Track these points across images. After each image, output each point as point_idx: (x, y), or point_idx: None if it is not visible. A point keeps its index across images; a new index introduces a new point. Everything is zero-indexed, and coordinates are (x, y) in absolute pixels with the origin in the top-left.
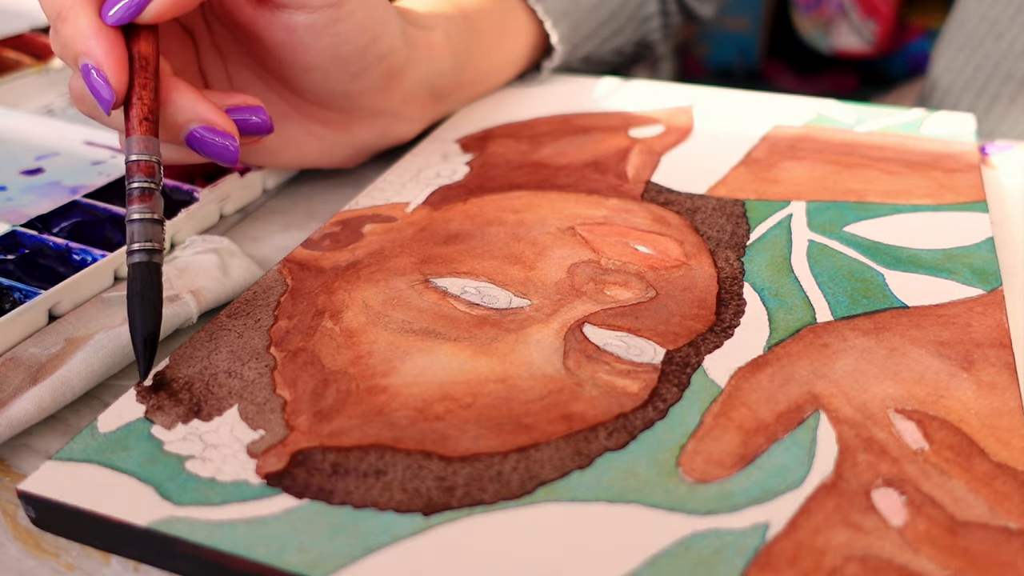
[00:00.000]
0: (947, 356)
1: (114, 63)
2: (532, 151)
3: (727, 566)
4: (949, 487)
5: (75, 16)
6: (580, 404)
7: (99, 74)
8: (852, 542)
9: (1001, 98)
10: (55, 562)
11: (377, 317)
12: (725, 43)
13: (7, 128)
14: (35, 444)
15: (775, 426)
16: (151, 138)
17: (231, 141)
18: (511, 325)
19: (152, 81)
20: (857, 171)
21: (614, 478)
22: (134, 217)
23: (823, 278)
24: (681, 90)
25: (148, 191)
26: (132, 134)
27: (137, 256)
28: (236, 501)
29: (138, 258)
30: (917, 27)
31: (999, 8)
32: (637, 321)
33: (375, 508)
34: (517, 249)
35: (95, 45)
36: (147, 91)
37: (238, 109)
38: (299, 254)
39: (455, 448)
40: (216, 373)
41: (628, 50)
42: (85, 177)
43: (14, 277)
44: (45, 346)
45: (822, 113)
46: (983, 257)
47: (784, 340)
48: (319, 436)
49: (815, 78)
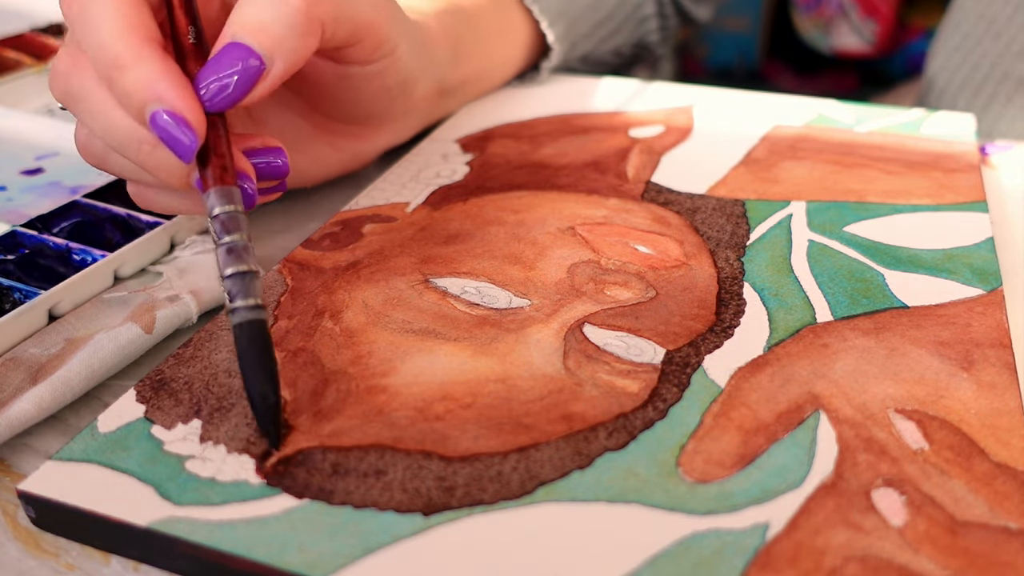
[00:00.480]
0: (947, 356)
1: (192, 103)
2: (532, 151)
3: (727, 566)
4: (949, 487)
5: (136, 62)
6: (580, 404)
7: (175, 117)
8: (852, 542)
9: (998, 97)
10: (55, 562)
11: (377, 317)
12: (725, 43)
13: (7, 128)
14: (35, 444)
15: (775, 426)
16: (236, 188)
17: (249, 184)
18: (511, 325)
19: (226, 130)
20: (857, 171)
21: (614, 478)
22: (235, 271)
23: (823, 278)
24: (681, 90)
25: (243, 245)
26: (218, 184)
27: (251, 313)
28: (236, 501)
29: (253, 315)
30: (917, 27)
31: (997, 7)
32: (637, 321)
33: (375, 508)
34: (517, 249)
35: (166, 89)
36: (224, 141)
37: (257, 152)
38: (299, 254)
39: (455, 448)
40: (216, 373)
41: (626, 51)
42: (85, 177)
43: (14, 277)
44: (45, 346)
45: (822, 113)
46: (983, 257)
47: (784, 340)
48: (319, 436)
49: (815, 78)
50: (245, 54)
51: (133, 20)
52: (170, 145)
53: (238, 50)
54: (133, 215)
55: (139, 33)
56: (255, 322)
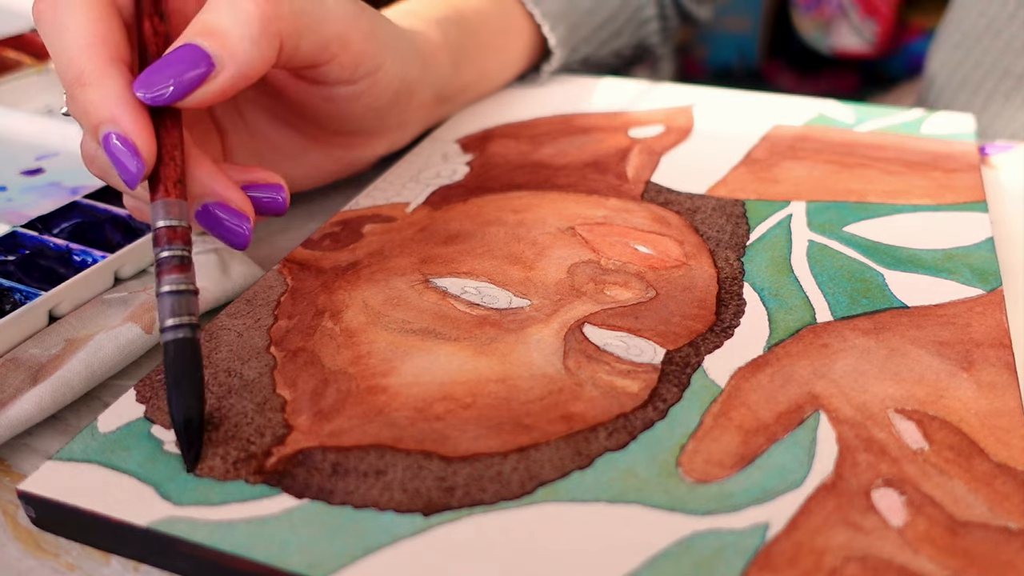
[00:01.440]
0: (947, 356)
1: (144, 132)
2: (532, 151)
3: (727, 566)
4: (949, 487)
5: (98, 81)
6: (580, 404)
7: (126, 144)
8: (852, 542)
9: (997, 95)
10: (55, 562)
11: (377, 317)
12: (725, 43)
13: (7, 128)
14: (35, 444)
15: (775, 426)
16: (183, 202)
17: (245, 223)
18: (511, 325)
19: (181, 142)
20: (857, 171)
21: (614, 478)
22: (170, 289)
23: (823, 278)
24: (681, 90)
25: (185, 260)
26: (164, 197)
27: (181, 332)
28: (236, 501)
29: (182, 334)
30: (917, 27)
31: (997, 5)
32: (637, 321)
33: (375, 508)
34: (517, 249)
35: (122, 113)
36: (178, 151)
37: (256, 187)
38: (299, 254)
39: (455, 448)
40: (216, 373)
41: (627, 52)
42: (85, 177)
43: (14, 278)
44: (45, 347)
45: (822, 113)
46: (983, 257)
47: (784, 340)
48: (319, 436)
49: (815, 78)
50: (195, 55)
51: (101, 34)
52: (118, 169)
53: (190, 51)
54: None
55: (105, 50)
56: (184, 341)
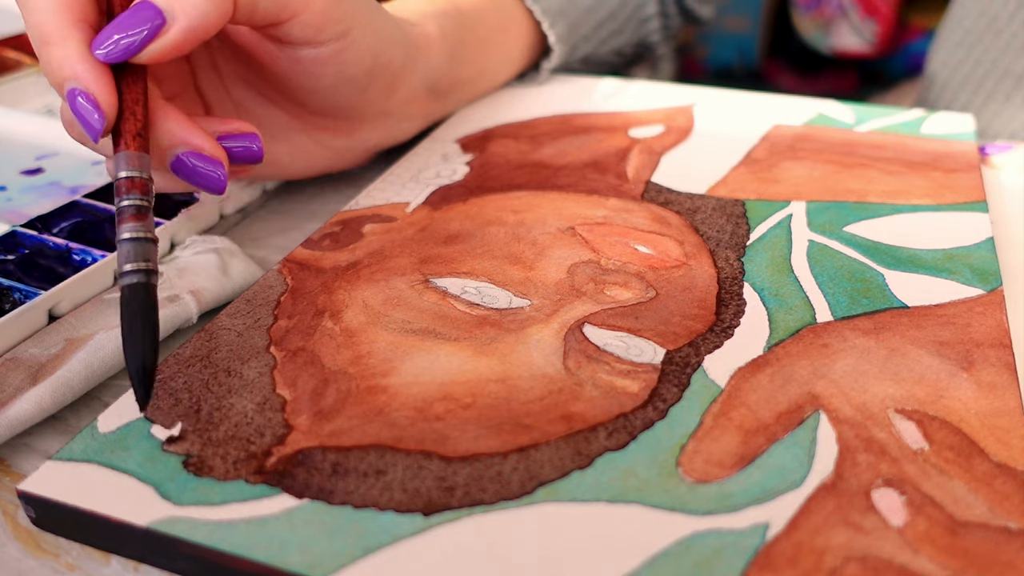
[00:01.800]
0: (947, 356)
1: (104, 87)
2: (532, 151)
3: (727, 566)
4: (949, 487)
5: (61, 40)
6: (580, 404)
7: (88, 99)
8: (852, 542)
9: (997, 94)
10: (55, 562)
11: (377, 317)
12: (725, 43)
13: (7, 128)
14: (35, 444)
15: (775, 426)
16: (143, 155)
17: (219, 169)
18: (511, 325)
19: (143, 97)
20: (857, 171)
21: (614, 478)
22: (127, 236)
23: (823, 278)
24: (681, 90)
25: (142, 209)
26: (124, 150)
27: (135, 277)
28: (236, 501)
29: (136, 279)
30: (917, 27)
31: (998, 5)
32: (637, 321)
33: (375, 508)
34: (517, 249)
35: (83, 70)
36: (139, 106)
37: (231, 136)
38: (299, 254)
39: (455, 448)
40: (216, 373)
41: (628, 51)
42: (85, 177)
43: (14, 277)
44: (45, 346)
45: (822, 113)
46: (983, 257)
47: (784, 340)
48: (319, 436)
49: (815, 78)
50: (148, 11)
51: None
52: (81, 123)
53: (143, 7)
54: None
55: (70, 12)
56: (138, 286)
